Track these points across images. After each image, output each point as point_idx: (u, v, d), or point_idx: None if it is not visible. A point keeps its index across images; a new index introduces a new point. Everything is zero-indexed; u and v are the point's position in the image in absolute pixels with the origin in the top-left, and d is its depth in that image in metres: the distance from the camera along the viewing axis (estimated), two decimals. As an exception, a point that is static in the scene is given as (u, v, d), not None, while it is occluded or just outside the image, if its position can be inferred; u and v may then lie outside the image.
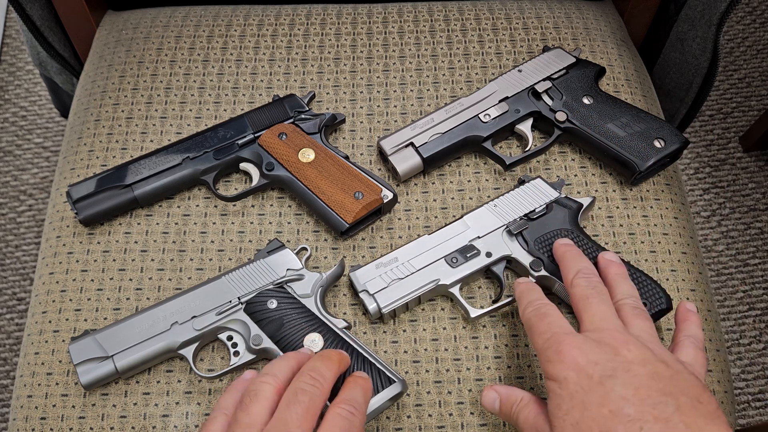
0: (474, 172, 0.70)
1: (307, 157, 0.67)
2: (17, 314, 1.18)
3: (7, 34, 1.48)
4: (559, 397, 0.45)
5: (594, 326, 0.49)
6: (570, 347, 0.46)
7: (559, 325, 0.49)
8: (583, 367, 0.45)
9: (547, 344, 0.48)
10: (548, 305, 0.52)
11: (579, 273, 0.54)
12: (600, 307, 0.50)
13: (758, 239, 1.23)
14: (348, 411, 0.47)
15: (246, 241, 0.67)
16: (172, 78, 0.77)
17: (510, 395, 0.52)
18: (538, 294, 0.54)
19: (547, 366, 0.47)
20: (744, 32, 1.43)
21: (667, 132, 0.67)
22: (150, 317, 0.59)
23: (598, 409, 0.43)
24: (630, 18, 0.84)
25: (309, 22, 0.81)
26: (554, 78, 0.72)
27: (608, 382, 0.44)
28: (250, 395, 0.47)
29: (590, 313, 0.50)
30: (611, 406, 0.43)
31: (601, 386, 0.44)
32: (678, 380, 0.44)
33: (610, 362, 0.45)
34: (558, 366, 0.46)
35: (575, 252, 0.57)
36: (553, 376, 0.47)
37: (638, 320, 0.50)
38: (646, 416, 0.42)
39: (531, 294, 0.54)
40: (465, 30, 0.79)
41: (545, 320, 0.50)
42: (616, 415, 0.42)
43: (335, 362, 0.52)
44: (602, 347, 0.46)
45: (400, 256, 0.62)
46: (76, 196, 0.66)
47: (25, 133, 1.35)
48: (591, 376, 0.44)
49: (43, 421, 0.59)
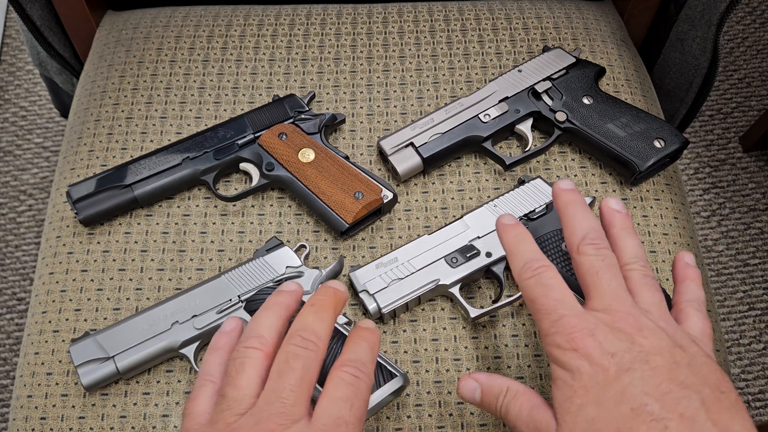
0: (474, 172, 0.70)
1: (307, 157, 0.67)
2: (17, 314, 1.19)
3: (7, 34, 1.48)
4: (571, 389, 0.41)
5: (604, 306, 0.44)
6: (582, 335, 0.41)
7: (568, 304, 0.43)
8: (599, 359, 0.40)
9: (555, 328, 0.42)
10: (550, 271, 0.45)
11: (585, 238, 0.46)
12: (611, 284, 0.45)
13: (758, 239, 1.23)
14: (352, 374, 0.42)
15: (246, 241, 0.67)
16: (172, 78, 0.77)
17: (492, 385, 0.46)
18: (534, 250, 0.47)
19: (556, 351, 0.42)
20: (744, 32, 1.43)
21: (667, 132, 0.67)
22: (150, 317, 0.59)
23: (617, 407, 0.39)
24: (630, 18, 0.84)
25: (309, 22, 0.81)
26: (554, 78, 0.72)
27: (626, 376, 0.40)
28: (236, 364, 0.42)
29: (601, 290, 0.45)
30: (632, 404, 0.39)
31: (618, 381, 0.40)
32: (697, 367, 0.40)
33: (627, 353, 0.40)
34: (570, 354, 0.41)
35: (580, 204, 0.49)
36: (564, 363, 0.42)
37: (648, 291, 0.46)
38: (671, 414, 0.38)
39: (525, 249, 0.47)
40: (465, 30, 0.79)
41: (551, 295, 0.44)
42: (638, 414, 0.38)
43: (329, 311, 0.45)
44: (617, 334, 0.41)
45: (400, 256, 0.62)
46: (76, 196, 0.66)
47: (25, 133, 1.35)
48: (607, 369, 0.40)
49: (43, 421, 0.59)
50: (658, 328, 0.42)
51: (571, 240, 0.48)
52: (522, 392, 0.45)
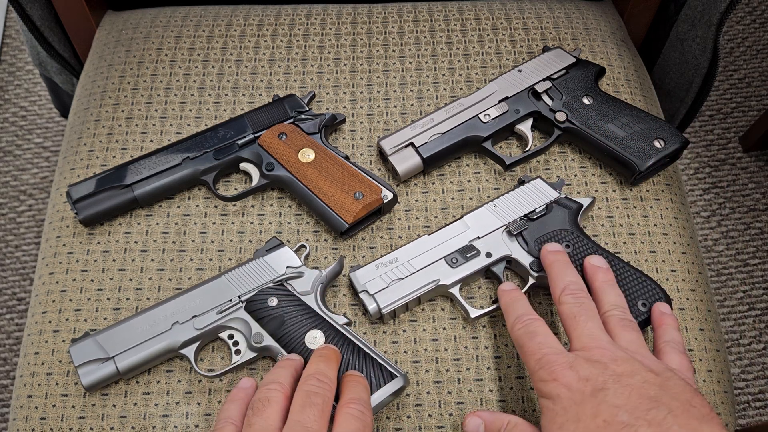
0: (474, 172, 0.70)
1: (307, 157, 0.67)
2: (17, 314, 1.19)
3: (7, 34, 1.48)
4: (553, 412, 0.47)
5: (582, 345, 0.50)
6: (562, 367, 0.48)
7: (549, 344, 0.50)
8: (575, 384, 0.46)
9: (539, 365, 0.49)
10: (537, 321, 0.53)
11: (566, 290, 0.54)
12: (587, 325, 0.51)
13: (758, 239, 1.23)
14: (359, 410, 0.49)
15: (246, 241, 0.67)
16: (172, 78, 0.77)
17: (495, 420, 0.52)
18: (525, 307, 0.55)
19: (540, 385, 0.48)
20: (744, 32, 1.43)
21: (667, 132, 0.67)
22: (150, 317, 0.59)
23: (593, 420, 0.44)
24: (630, 18, 0.84)
25: (309, 22, 0.81)
26: (554, 78, 0.72)
27: (600, 394, 0.45)
28: (262, 401, 0.49)
29: (578, 332, 0.51)
30: (605, 416, 0.44)
31: (593, 398, 0.45)
32: (668, 387, 0.45)
33: (601, 376, 0.46)
34: (551, 384, 0.47)
35: (563, 263, 0.57)
36: (546, 394, 0.48)
37: (625, 332, 0.51)
38: (640, 421, 0.43)
39: (518, 307, 0.55)
40: (465, 30, 0.79)
41: (535, 339, 0.51)
42: (610, 424, 0.43)
43: (334, 361, 0.53)
44: (592, 364, 0.47)
45: (400, 257, 0.62)
46: (76, 196, 0.66)
47: (25, 133, 1.35)
48: (583, 391, 0.46)
49: (43, 421, 0.59)
50: (632, 358, 0.48)
51: (554, 292, 0.55)
52: (520, 424, 0.51)
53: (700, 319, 0.63)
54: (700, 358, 0.61)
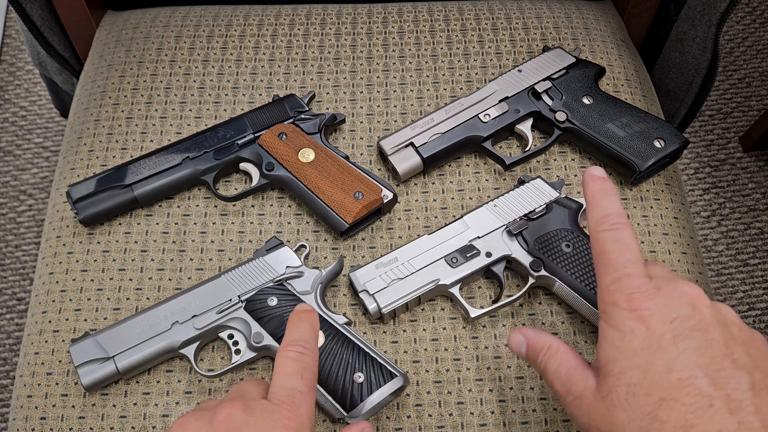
0: (474, 172, 0.70)
1: (307, 157, 0.67)
2: (17, 314, 1.18)
3: (7, 34, 1.48)
4: (617, 351, 0.40)
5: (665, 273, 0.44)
6: (645, 297, 0.40)
7: (637, 266, 0.42)
8: (656, 324, 0.39)
9: (617, 285, 0.42)
10: (629, 230, 0.44)
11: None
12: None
13: (758, 239, 1.23)
14: (297, 351, 0.47)
15: (246, 241, 0.67)
16: (172, 78, 0.77)
17: (537, 341, 0.47)
18: (617, 206, 0.46)
19: (611, 309, 0.41)
20: (744, 32, 1.43)
21: (667, 132, 0.67)
22: (150, 317, 0.59)
23: (665, 375, 0.38)
24: (630, 18, 0.84)
25: (309, 22, 0.81)
26: (554, 78, 0.72)
27: (681, 343, 0.38)
28: None
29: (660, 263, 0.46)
30: (681, 374, 0.38)
31: (672, 347, 0.38)
32: (751, 348, 0.39)
33: (688, 320, 0.39)
34: (626, 314, 0.40)
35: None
36: (616, 323, 0.41)
37: None
38: (719, 392, 0.37)
39: (609, 203, 0.46)
40: (465, 30, 0.79)
41: (623, 253, 0.43)
42: (684, 386, 0.37)
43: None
44: (678, 299, 0.40)
45: (400, 256, 0.62)
46: (76, 196, 0.66)
47: (25, 133, 1.35)
48: (662, 335, 0.39)
49: (43, 421, 0.59)
50: (714, 302, 0.41)
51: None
52: (563, 351, 0.45)
53: (700, 319, 0.63)
54: (700, 358, 0.61)
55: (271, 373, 0.60)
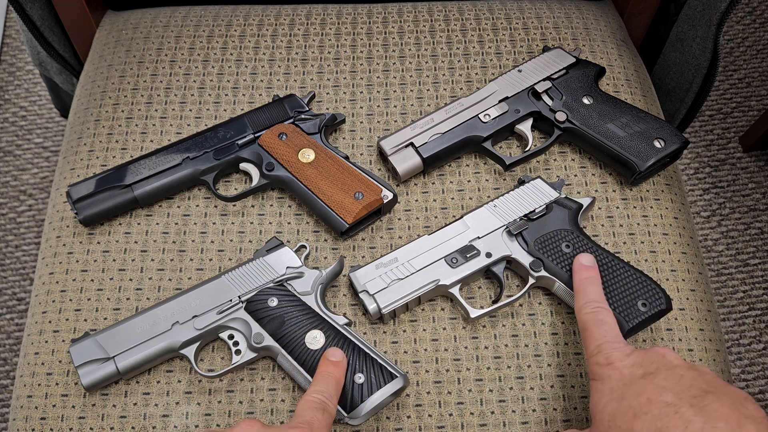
0: (474, 172, 0.70)
1: (307, 158, 0.67)
2: (17, 314, 1.18)
3: (7, 34, 1.48)
4: (600, 393, 0.49)
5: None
6: (619, 355, 0.50)
7: (613, 336, 0.52)
8: (628, 369, 0.48)
9: (598, 350, 0.51)
10: (606, 312, 0.54)
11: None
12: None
13: (758, 239, 1.23)
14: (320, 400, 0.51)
15: (246, 241, 0.67)
16: (172, 78, 0.77)
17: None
18: (599, 293, 0.57)
19: (595, 368, 0.51)
20: (744, 32, 1.43)
21: (667, 132, 0.67)
22: (151, 317, 0.59)
23: (636, 398, 0.46)
24: (630, 18, 0.84)
25: (309, 22, 0.81)
26: (554, 78, 0.72)
27: (650, 377, 0.47)
28: None
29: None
30: (649, 395, 0.45)
31: (642, 380, 0.47)
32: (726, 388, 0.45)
33: (655, 363, 0.48)
34: (604, 368, 0.50)
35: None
36: (598, 375, 0.50)
37: None
38: (683, 401, 0.44)
39: (592, 291, 0.57)
40: (465, 30, 0.79)
41: (601, 328, 0.53)
42: (652, 402, 0.44)
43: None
44: (649, 354, 0.49)
45: (400, 257, 0.62)
46: (76, 196, 0.66)
47: (25, 133, 1.35)
48: (633, 374, 0.48)
49: (43, 421, 0.59)
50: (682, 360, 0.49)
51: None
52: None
53: (700, 319, 0.63)
54: (700, 358, 0.61)
55: (272, 373, 0.60)
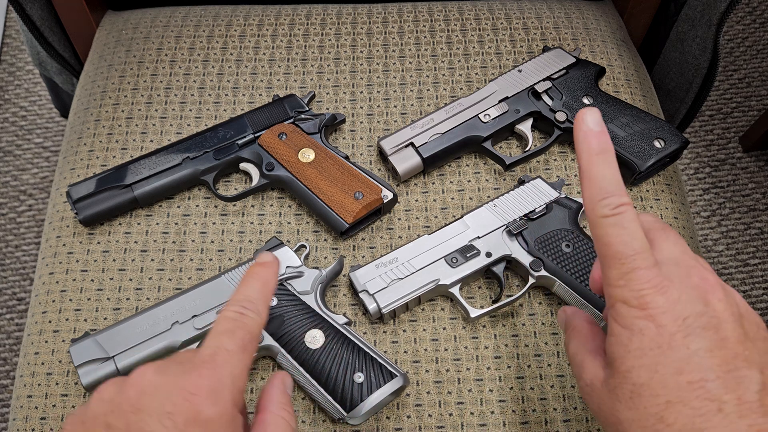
0: (474, 172, 0.70)
1: (307, 158, 0.67)
2: (17, 314, 1.18)
3: (7, 34, 1.48)
4: (625, 349, 0.38)
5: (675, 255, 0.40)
6: (655, 292, 0.37)
7: (645, 254, 0.38)
8: (668, 323, 0.37)
9: (625, 280, 0.38)
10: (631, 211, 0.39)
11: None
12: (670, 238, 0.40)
13: (758, 239, 1.23)
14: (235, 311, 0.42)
15: (246, 241, 0.67)
16: (172, 78, 0.77)
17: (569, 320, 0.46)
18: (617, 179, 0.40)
19: (620, 307, 0.38)
20: (744, 32, 1.43)
21: (667, 132, 0.67)
22: (150, 317, 0.59)
23: (674, 377, 0.36)
24: (630, 18, 0.84)
25: (309, 22, 0.81)
26: (554, 78, 0.72)
27: (693, 343, 0.36)
28: None
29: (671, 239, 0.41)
30: (691, 376, 0.36)
31: (683, 347, 0.36)
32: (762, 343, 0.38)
33: (701, 317, 0.37)
34: (635, 312, 0.37)
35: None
36: (624, 321, 0.38)
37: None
38: (729, 395, 0.36)
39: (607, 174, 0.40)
40: (465, 30, 0.79)
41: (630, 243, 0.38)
42: (694, 389, 0.36)
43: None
44: (690, 292, 0.37)
45: (400, 256, 0.62)
46: (76, 196, 0.66)
47: (25, 133, 1.35)
48: (674, 334, 0.37)
49: (43, 421, 0.59)
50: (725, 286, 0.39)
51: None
52: (583, 333, 0.44)
53: (700, 319, 0.63)
54: (700, 358, 0.61)
55: (272, 373, 0.60)
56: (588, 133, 0.40)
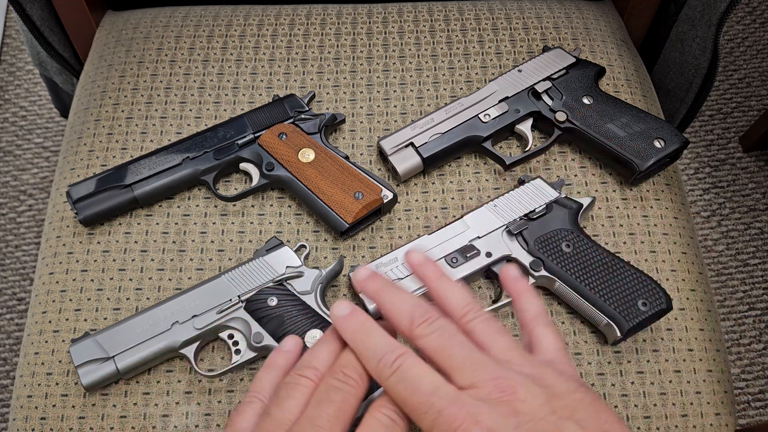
0: (474, 172, 0.70)
1: (307, 157, 0.67)
2: (17, 314, 1.18)
3: (7, 34, 1.48)
4: None
5: (470, 381, 0.40)
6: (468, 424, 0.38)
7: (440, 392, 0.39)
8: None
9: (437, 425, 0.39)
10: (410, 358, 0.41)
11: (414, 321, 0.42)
12: (462, 355, 0.41)
13: (758, 239, 1.23)
14: (389, 417, 0.40)
15: (246, 241, 0.67)
16: (172, 78, 0.77)
17: None
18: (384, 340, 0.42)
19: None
20: (744, 32, 1.43)
21: (667, 132, 0.67)
22: (150, 317, 0.59)
23: None
24: (630, 18, 0.84)
25: (309, 22, 0.81)
26: (554, 78, 0.72)
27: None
28: (288, 389, 0.43)
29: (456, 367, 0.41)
30: None
31: None
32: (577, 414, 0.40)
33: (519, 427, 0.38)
34: None
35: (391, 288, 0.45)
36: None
37: (497, 338, 0.43)
38: None
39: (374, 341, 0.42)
40: (465, 30, 0.79)
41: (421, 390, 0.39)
42: None
43: None
44: (498, 409, 0.39)
45: (400, 257, 0.62)
46: (76, 196, 0.66)
47: (25, 133, 1.35)
48: None
49: (43, 421, 0.59)
50: (528, 380, 0.41)
51: (400, 329, 0.43)
52: None
53: (700, 319, 0.63)
54: (700, 358, 0.61)
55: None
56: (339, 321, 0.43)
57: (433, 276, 0.46)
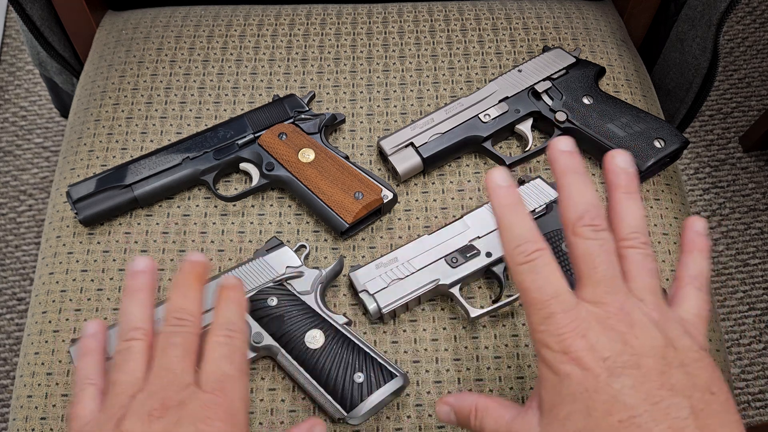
0: (474, 172, 0.70)
1: (307, 158, 0.67)
2: (17, 314, 1.19)
3: (7, 34, 1.48)
4: (559, 396, 0.39)
5: (597, 297, 0.41)
6: (574, 335, 0.39)
7: (561, 299, 0.40)
8: (590, 365, 0.38)
9: (545, 325, 0.40)
10: (545, 255, 0.41)
11: (584, 218, 0.42)
12: (606, 274, 0.41)
13: (758, 239, 1.23)
14: (225, 335, 0.44)
15: (246, 241, 0.67)
16: (172, 78, 0.77)
17: (462, 406, 0.45)
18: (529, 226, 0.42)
19: (545, 352, 0.40)
20: (744, 32, 1.43)
21: (667, 132, 0.67)
22: (150, 317, 0.59)
23: (605, 417, 0.38)
24: (630, 18, 0.84)
25: (309, 22, 0.81)
26: (554, 78, 0.72)
27: (617, 382, 0.38)
28: (122, 354, 0.44)
29: (594, 280, 0.41)
30: (621, 415, 0.37)
31: (608, 387, 0.38)
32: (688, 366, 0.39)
33: (620, 356, 0.38)
34: (559, 357, 0.39)
35: (580, 174, 0.43)
36: (552, 366, 0.40)
37: (644, 274, 0.42)
38: (660, 426, 0.37)
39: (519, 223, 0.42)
40: (465, 30, 0.79)
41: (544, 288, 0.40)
42: (626, 426, 0.37)
43: (193, 286, 0.47)
44: (609, 333, 0.39)
45: (400, 256, 0.62)
46: (76, 196, 0.66)
47: (25, 133, 1.35)
48: (598, 375, 0.38)
49: (43, 421, 0.59)
50: (650, 323, 0.40)
51: (567, 216, 0.43)
52: (493, 407, 0.44)
53: (700, 319, 0.63)
54: (700, 358, 0.61)
55: (272, 373, 0.60)
56: (496, 189, 0.44)
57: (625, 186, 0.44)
